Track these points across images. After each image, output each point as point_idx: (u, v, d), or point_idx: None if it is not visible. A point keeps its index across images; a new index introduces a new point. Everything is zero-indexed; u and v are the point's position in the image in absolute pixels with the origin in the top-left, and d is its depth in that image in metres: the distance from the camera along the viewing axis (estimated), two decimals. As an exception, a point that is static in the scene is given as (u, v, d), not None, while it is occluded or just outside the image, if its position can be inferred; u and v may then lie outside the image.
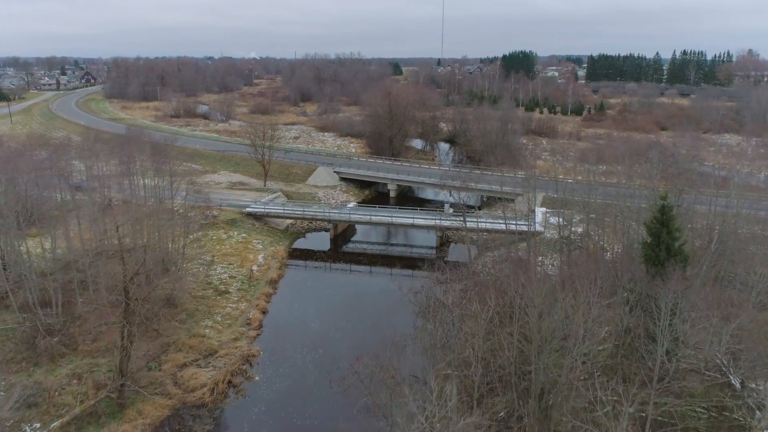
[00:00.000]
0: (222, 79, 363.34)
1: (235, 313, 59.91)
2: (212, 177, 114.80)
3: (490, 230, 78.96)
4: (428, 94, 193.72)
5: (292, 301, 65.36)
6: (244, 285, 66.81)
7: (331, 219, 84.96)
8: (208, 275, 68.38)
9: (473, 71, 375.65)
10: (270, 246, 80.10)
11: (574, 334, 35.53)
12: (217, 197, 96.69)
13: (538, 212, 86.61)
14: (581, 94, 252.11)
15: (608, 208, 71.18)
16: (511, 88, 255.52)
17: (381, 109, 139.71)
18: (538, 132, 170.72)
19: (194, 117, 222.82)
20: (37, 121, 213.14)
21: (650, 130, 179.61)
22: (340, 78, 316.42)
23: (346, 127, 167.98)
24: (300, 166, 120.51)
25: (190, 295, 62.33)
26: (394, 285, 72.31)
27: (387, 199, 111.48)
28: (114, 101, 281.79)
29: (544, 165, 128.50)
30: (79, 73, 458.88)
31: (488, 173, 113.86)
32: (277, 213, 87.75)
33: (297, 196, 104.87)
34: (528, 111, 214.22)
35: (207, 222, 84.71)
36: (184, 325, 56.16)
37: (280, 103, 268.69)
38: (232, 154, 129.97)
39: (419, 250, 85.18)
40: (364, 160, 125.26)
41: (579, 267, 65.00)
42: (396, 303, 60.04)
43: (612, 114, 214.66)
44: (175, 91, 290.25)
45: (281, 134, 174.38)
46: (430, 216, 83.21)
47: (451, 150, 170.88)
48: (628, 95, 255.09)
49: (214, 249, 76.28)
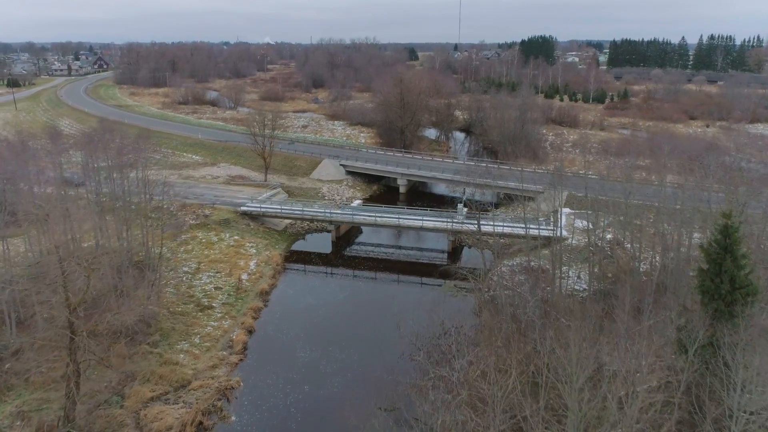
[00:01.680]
0: (234, 65, 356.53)
1: (216, 334, 52.78)
2: (210, 170, 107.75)
3: (509, 235, 71.13)
4: (443, 81, 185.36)
5: (282, 317, 57.93)
6: (230, 298, 59.68)
7: (333, 220, 77.56)
8: (191, 285, 61.33)
9: (491, 57, 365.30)
10: (264, 250, 72.91)
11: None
12: (211, 194, 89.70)
13: (561, 213, 78.44)
14: (603, 81, 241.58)
15: (641, 210, 62.91)
16: (530, 74, 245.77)
17: (392, 97, 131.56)
18: (558, 121, 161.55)
19: (202, 104, 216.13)
20: (42, 108, 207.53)
21: (678, 119, 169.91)
22: (353, 63, 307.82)
23: (357, 116, 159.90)
24: (304, 158, 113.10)
25: (167, 311, 55.33)
26: (400, 295, 65.86)
27: (396, 194, 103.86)
28: (124, 87, 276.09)
29: (566, 158, 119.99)
30: (92, 58, 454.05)
31: (506, 167, 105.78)
32: (274, 213, 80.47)
33: (299, 191, 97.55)
34: (548, 98, 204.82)
35: (197, 222, 77.61)
36: (156, 348, 49.16)
37: (291, 89, 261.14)
38: (235, 145, 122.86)
39: (429, 254, 77.64)
40: (373, 152, 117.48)
41: (612, 283, 57.33)
42: (403, 317, 52.95)
43: (636, 102, 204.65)
44: (186, 77, 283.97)
45: (289, 122, 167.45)
46: (441, 218, 75.38)
47: (466, 140, 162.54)
48: (653, 82, 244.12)
49: (202, 254, 69.20)
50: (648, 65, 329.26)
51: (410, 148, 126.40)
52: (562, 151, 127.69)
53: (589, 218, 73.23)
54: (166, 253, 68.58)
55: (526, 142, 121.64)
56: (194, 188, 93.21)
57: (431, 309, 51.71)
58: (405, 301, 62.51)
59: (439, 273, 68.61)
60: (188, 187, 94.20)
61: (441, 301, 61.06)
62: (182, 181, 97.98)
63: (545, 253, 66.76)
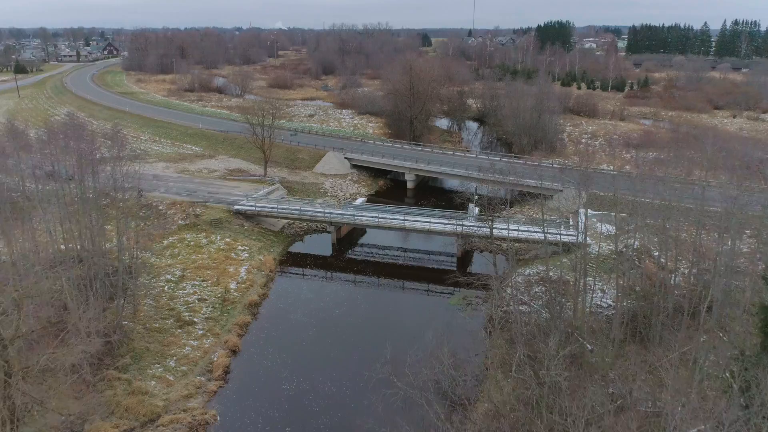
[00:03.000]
0: (244, 51, 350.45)
1: (195, 356, 47.18)
2: (207, 163, 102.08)
3: (525, 240, 64.94)
4: (456, 68, 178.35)
5: (270, 336, 51.89)
6: (215, 311, 54.03)
7: (333, 221, 71.67)
8: (173, 296, 55.74)
9: (506, 43, 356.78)
10: (258, 254, 67.23)
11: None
12: (205, 190, 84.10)
13: (583, 215, 71.99)
14: (622, 68, 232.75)
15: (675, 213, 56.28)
16: (546, 60, 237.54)
17: (401, 85, 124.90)
18: (575, 111, 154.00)
19: (209, 91, 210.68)
20: (46, 95, 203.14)
21: (702, 108, 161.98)
22: (365, 50, 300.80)
23: (366, 104, 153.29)
24: (308, 151, 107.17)
25: (143, 328, 49.85)
26: (404, 307, 59.88)
27: (404, 190, 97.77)
28: (131, 74, 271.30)
29: (586, 151, 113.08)
30: (102, 44, 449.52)
31: (521, 162, 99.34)
32: (270, 212, 74.62)
33: (300, 187, 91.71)
34: (564, 86, 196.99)
35: (187, 223, 71.98)
36: (125, 373, 43.70)
37: (301, 76, 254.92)
38: (236, 135, 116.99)
39: (437, 257, 71.66)
40: (380, 144, 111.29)
41: (641, 299, 50.98)
42: (403, 345, 47.00)
43: (657, 90, 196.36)
44: (195, 64, 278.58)
45: (296, 111, 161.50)
46: (450, 221, 69.19)
47: (479, 130, 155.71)
48: (675, 69, 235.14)
49: (188, 259, 63.60)
50: (668, 52, 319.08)
51: (420, 139, 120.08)
52: (581, 144, 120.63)
53: (614, 222, 66.91)
54: (150, 258, 63.20)
55: (543, 133, 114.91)
56: (188, 183, 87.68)
57: (437, 332, 45.99)
58: (408, 319, 56.29)
59: (447, 280, 62.63)
60: (182, 182, 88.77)
61: (448, 318, 55.33)
62: (176, 176, 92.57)
63: (565, 261, 60.55)
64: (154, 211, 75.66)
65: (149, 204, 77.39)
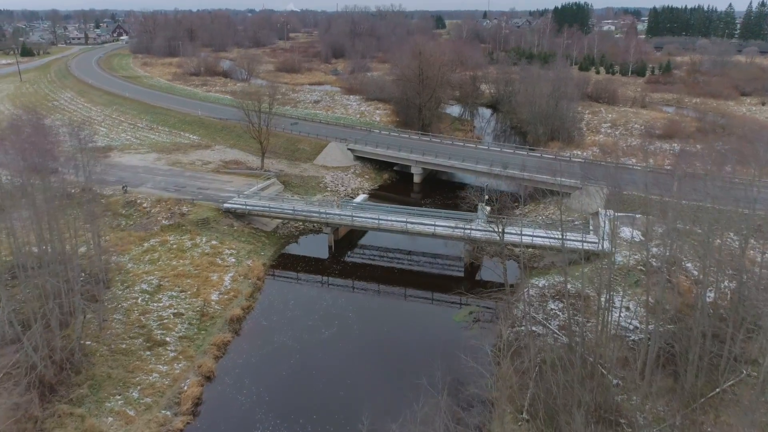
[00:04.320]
0: (254, 34, 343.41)
1: (163, 384, 41.62)
2: (202, 154, 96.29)
3: (540, 246, 58.69)
4: (469, 52, 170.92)
5: (250, 361, 45.72)
6: (191, 328, 48.44)
7: (329, 222, 65.71)
8: (146, 310, 50.19)
9: (521, 25, 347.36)
10: (246, 258, 61.52)
11: None
12: (195, 185, 78.46)
13: (605, 217, 65.52)
14: (642, 52, 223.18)
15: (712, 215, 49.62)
16: (563, 44, 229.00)
17: (410, 71, 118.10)
18: (594, 97, 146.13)
19: (214, 75, 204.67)
20: (48, 79, 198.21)
21: (728, 95, 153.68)
22: (377, 32, 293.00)
23: (374, 90, 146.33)
24: (309, 141, 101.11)
25: (107, 349, 44.38)
26: (406, 322, 53.70)
27: (410, 184, 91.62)
28: (139, 57, 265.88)
29: (606, 141, 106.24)
30: (111, 26, 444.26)
31: (536, 154, 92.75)
32: (261, 211, 68.69)
33: (298, 181, 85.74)
34: (582, 71, 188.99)
35: (171, 223, 66.34)
36: (80, 407, 38.29)
37: (310, 59, 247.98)
38: (235, 124, 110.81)
39: (444, 262, 65.57)
40: (386, 134, 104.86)
41: (674, 321, 44.50)
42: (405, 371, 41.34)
43: (680, 75, 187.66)
44: (203, 46, 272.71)
45: (301, 97, 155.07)
46: (457, 223, 63.01)
47: (492, 118, 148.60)
48: (698, 53, 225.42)
49: (168, 266, 57.96)
50: (691, 34, 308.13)
51: (429, 128, 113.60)
52: (600, 133, 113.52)
53: (640, 226, 60.38)
54: (126, 264, 57.77)
55: (560, 122, 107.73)
56: (178, 177, 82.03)
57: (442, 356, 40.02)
58: (407, 345, 49.63)
59: (453, 289, 56.74)
60: (172, 175, 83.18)
61: (452, 337, 49.41)
62: (167, 168, 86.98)
63: (584, 272, 54.20)
64: (138, 209, 70.13)
65: (133, 201, 71.95)
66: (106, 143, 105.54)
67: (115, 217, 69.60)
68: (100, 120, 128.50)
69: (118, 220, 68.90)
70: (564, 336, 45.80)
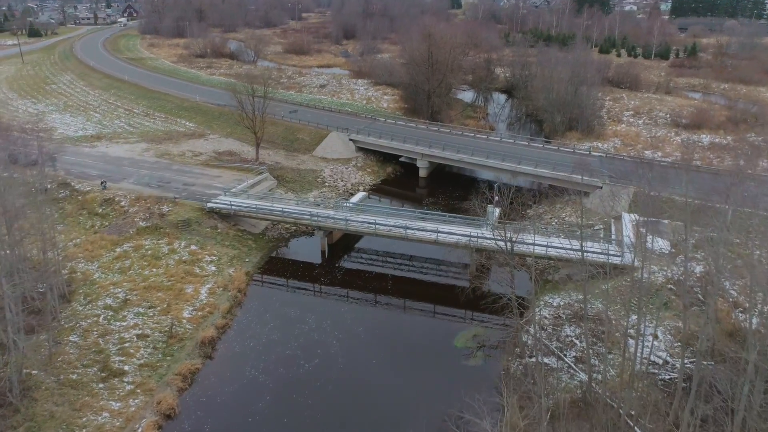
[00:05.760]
0: (266, 14, 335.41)
1: (113, 427, 35.76)
2: (194, 144, 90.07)
3: (555, 258, 52.17)
4: (483, 34, 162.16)
5: (214, 400, 39.49)
6: (155, 353, 42.61)
7: (321, 226, 59.48)
8: (107, 331, 44.43)
9: (540, 5, 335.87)
10: (228, 266, 55.56)
11: None
12: (181, 180, 72.51)
13: (627, 222, 58.69)
14: (666, 33, 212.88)
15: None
16: (583, 24, 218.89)
17: (418, 55, 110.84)
18: (616, 82, 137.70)
19: (221, 57, 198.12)
20: (51, 61, 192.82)
21: (759, 80, 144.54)
22: (390, 12, 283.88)
23: (383, 74, 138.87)
24: (309, 130, 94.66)
25: (55, 381, 38.68)
26: (397, 352, 46.67)
27: (416, 178, 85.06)
28: (146, 38, 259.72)
29: (628, 132, 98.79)
30: (122, 6, 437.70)
31: (552, 147, 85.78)
32: (248, 211, 62.46)
33: (294, 175, 79.46)
34: (603, 53, 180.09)
35: (148, 225, 60.36)
36: (9, 459, 32.80)
37: (321, 40, 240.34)
38: (233, 110, 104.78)
39: (448, 269, 59.23)
40: (392, 123, 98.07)
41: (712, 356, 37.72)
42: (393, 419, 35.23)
43: (706, 59, 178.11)
44: (213, 27, 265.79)
45: (307, 80, 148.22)
46: (463, 228, 56.49)
47: (507, 104, 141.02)
48: (726, 35, 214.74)
49: (139, 275, 52.11)
50: (717, 15, 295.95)
51: (439, 115, 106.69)
52: (622, 123, 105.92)
53: (670, 234, 53.51)
54: (94, 273, 52.09)
55: (579, 110, 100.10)
56: (164, 171, 76.02)
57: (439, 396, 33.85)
58: (401, 374, 43.46)
59: (457, 301, 50.38)
60: (158, 168, 77.25)
61: (453, 373, 43.12)
62: (154, 160, 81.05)
63: (605, 288, 47.65)
64: (115, 208, 64.33)
65: (111, 198, 66.15)
66: (97, 131, 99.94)
67: (91, 216, 63.97)
68: (96, 105, 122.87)
69: (93, 220, 63.22)
70: (582, 372, 39.41)
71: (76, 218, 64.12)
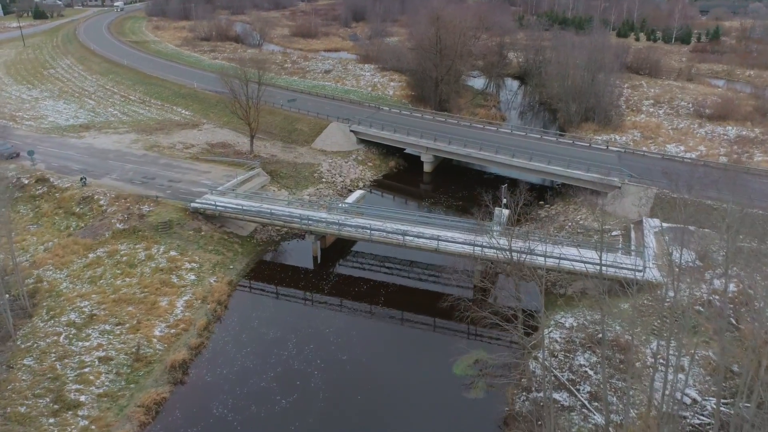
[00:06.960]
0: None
1: (54, 475, 31.55)
2: (187, 135, 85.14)
3: (567, 271, 47.04)
4: (496, 16, 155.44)
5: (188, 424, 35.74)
6: (118, 380, 38.03)
7: (313, 230, 54.54)
8: (66, 353, 39.92)
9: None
10: (209, 275, 50.88)
11: None
12: (167, 176, 67.67)
13: (649, 228, 53.22)
14: (687, 16, 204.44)
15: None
16: (600, 6, 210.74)
17: (426, 39, 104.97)
18: (634, 68, 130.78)
19: (226, 40, 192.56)
20: (53, 44, 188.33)
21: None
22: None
23: (391, 59, 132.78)
24: (308, 121, 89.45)
25: (0, 414, 34.31)
26: (389, 381, 41.34)
27: (420, 173, 79.82)
28: (153, 20, 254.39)
29: (648, 123, 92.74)
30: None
31: (567, 141, 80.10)
32: (234, 212, 57.53)
33: (290, 170, 74.38)
34: (620, 37, 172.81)
35: (126, 227, 55.65)
36: None
37: (329, 23, 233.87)
38: (229, 98, 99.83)
39: (450, 278, 53.97)
40: (397, 113, 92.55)
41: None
42: None
43: (729, 43, 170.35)
44: (222, 8, 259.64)
45: (312, 65, 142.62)
46: (466, 235, 51.22)
47: (519, 91, 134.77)
48: (750, 17, 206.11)
49: (110, 286, 47.52)
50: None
51: (447, 104, 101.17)
52: (642, 112, 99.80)
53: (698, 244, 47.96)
54: (61, 282, 47.59)
55: (596, 99, 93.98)
56: (151, 165, 71.21)
57: None
58: (388, 413, 38.80)
59: (459, 316, 45.21)
60: (145, 162, 72.46)
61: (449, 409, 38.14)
62: (142, 153, 76.22)
63: (625, 308, 42.49)
64: (93, 207, 59.71)
65: (91, 196, 61.52)
66: (88, 119, 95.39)
67: (67, 216, 59.43)
68: (92, 91, 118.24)
69: (69, 220, 58.66)
70: (598, 415, 34.37)
71: (51, 218, 59.66)
